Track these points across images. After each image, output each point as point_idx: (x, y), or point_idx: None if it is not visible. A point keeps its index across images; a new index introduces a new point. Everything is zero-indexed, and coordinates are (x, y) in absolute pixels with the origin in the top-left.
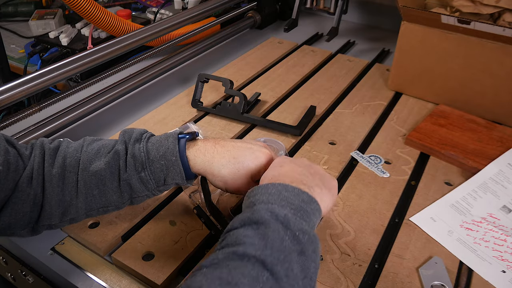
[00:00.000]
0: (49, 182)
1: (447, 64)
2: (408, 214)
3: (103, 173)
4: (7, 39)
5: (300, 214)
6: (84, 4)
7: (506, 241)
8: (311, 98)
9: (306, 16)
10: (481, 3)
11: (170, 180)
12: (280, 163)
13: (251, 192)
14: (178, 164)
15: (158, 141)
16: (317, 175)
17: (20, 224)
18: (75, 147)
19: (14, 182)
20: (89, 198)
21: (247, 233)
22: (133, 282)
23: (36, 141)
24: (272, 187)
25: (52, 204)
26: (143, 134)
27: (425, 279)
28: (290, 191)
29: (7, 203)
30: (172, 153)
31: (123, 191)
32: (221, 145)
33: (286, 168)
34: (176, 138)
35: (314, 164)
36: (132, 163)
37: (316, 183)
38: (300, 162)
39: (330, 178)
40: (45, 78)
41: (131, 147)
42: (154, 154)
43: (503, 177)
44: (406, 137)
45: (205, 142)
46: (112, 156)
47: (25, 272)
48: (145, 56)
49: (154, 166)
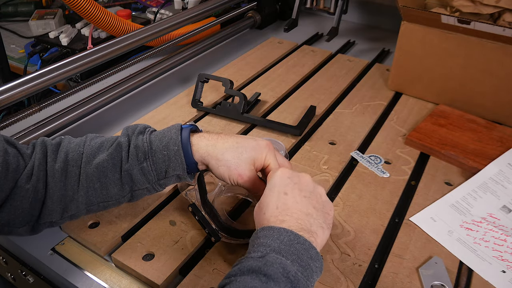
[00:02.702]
0: (51, 177)
1: (447, 64)
2: (408, 214)
3: (105, 164)
4: (7, 39)
5: (306, 273)
6: (84, 4)
7: (506, 241)
8: (311, 98)
9: (306, 16)
10: (481, 3)
11: (172, 171)
12: (284, 188)
13: (261, 232)
14: (180, 154)
15: (161, 133)
16: (320, 205)
17: (19, 220)
18: (77, 143)
19: (14, 182)
20: (90, 192)
21: (255, 285)
22: (133, 282)
23: (37, 140)
24: (284, 234)
25: (54, 199)
26: (147, 128)
27: (425, 279)
28: (301, 243)
29: (6, 200)
30: (175, 143)
31: (124, 183)
32: (224, 134)
33: (290, 198)
34: (179, 129)
35: (316, 185)
36: (134, 153)
37: (320, 224)
38: (304, 186)
39: (330, 207)
40: (45, 78)
41: (134, 138)
42: (157, 145)
43: (503, 177)
44: (406, 137)
45: (208, 132)
46: (115, 148)
47: (25, 272)
48: (145, 56)
49: (156, 156)
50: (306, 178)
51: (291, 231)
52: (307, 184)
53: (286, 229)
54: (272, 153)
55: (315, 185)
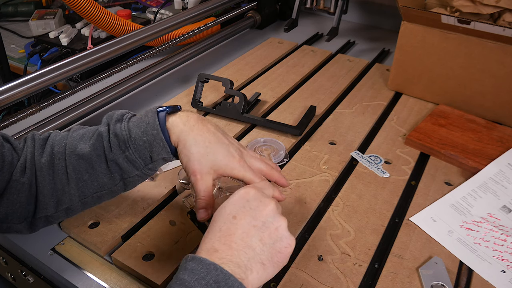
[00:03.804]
0: (40, 171)
1: (447, 64)
2: (408, 214)
3: (89, 156)
4: (7, 39)
5: None
6: (84, 4)
7: (506, 241)
8: (311, 98)
9: (306, 16)
10: (481, 3)
11: (156, 156)
12: (236, 211)
13: (190, 263)
14: (160, 138)
15: (139, 119)
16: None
17: (17, 215)
18: (62, 135)
19: (9, 174)
20: (81, 184)
21: None
22: (133, 282)
23: (28, 134)
24: (213, 273)
25: (45, 193)
26: (125, 115)
27: (425, 279)
28: (229, 285)
29: (2, 194)
30: (153, 127)
31: (113, 172)
32: (203, 123)
33: (238, 224)
34: (155, 112)
35: (278, 217)
36: (116, 142)
37: (261, 260)
38: (260, 214)
39: (285, 244)
40: (45, 78)
41: (112, 127)
42: (136, 132)
43: (503, 177)
44: (406, 137)
45: (188, 114)
46: (96, 138)
47: (25, 272)
48: (145, 56)
49: (137, 143)
50: (269, 207)
51: (221, 270)
52: (266, 213)
53: (216, 266)
54: (245, 169)
55: (276, 216)
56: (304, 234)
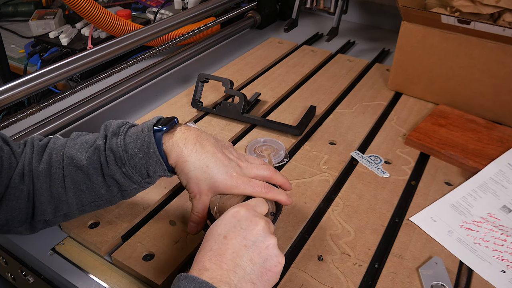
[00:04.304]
0: (37, 178)
1: (447, 64)
2: (408, 214)
3: (85, 168)
4: (7, 39)
5: None
6: (84, 4)
7: (506, 241)
8: (311, 98)
9: (306, 16)
10: (481, 3)
11: (153, 173)
12: (227, 231)
13: (183, 282)
14: (156, 157)
15: (135, 134)
16: (260, 259)
17: (17, 220)
18: (61, 143)
19: (8, 179)
20: (78, 193)
21: None
22: (133, 282)
23: (28, 138)
24: None
25: (42, 200)
26: (121, 127)
27: (425, 279)
28: None
29: (2, 200)
30: (149, 146)
31: (110, 185)
32: (201, 145)
33: (228, 244)
34: (151, 130)
35: (268, 236)
36: (112, 158)
37: (251, 279)
38: (251, 233)
39: (275, 262)
40: (45, 78)
41: (108, 141)
42: (132, 148)
43: (503, 177)
44: (406, 137)
45: (186, 134)
46: (93, 151)
47: (25, 272)
48: (145, 56)
49: (133, 160)
50: (259, 226)
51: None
52: (256, 232)
53: (209, 284)
54: (245, 186)
55: (266, 235)
56: (304, 234)
